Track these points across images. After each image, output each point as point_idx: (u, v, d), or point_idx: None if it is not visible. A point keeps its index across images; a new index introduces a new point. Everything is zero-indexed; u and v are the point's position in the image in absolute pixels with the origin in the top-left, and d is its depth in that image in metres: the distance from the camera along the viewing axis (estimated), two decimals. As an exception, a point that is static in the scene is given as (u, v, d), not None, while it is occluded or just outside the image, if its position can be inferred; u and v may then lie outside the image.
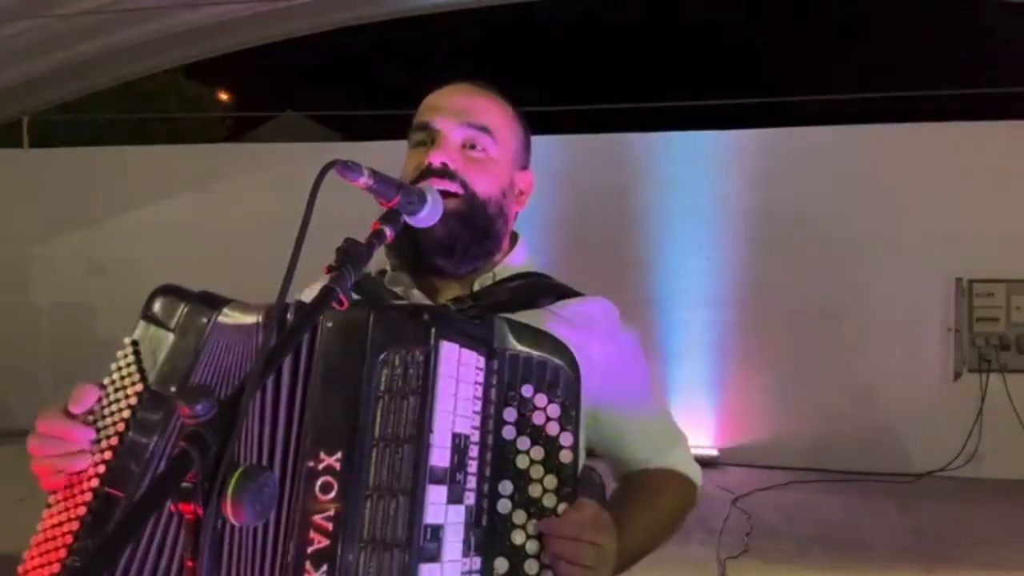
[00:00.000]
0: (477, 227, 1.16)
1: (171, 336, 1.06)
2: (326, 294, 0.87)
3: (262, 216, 5.95)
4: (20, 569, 0.97)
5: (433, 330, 0.91)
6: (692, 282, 6.12)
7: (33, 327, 7.31)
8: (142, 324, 1.08)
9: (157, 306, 1.09)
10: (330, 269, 0.90)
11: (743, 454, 5.96)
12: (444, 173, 1.14)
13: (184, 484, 0.68)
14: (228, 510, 0.68)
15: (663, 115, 7.27)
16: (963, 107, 6.64)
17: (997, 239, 5.71)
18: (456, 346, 0.94)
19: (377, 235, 0.98)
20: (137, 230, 7.05)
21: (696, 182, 6.20)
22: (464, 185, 1.15)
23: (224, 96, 20.06)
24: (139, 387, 1.04)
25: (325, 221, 1.06)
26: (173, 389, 1.01)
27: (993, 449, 5.60)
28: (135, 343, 1.08)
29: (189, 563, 0.70)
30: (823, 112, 6.69)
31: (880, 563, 4.05)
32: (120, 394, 1.04)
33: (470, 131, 1.17)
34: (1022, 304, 5.80)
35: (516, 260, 1.26)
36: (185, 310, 1.07)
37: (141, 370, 1.05)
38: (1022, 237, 5.70)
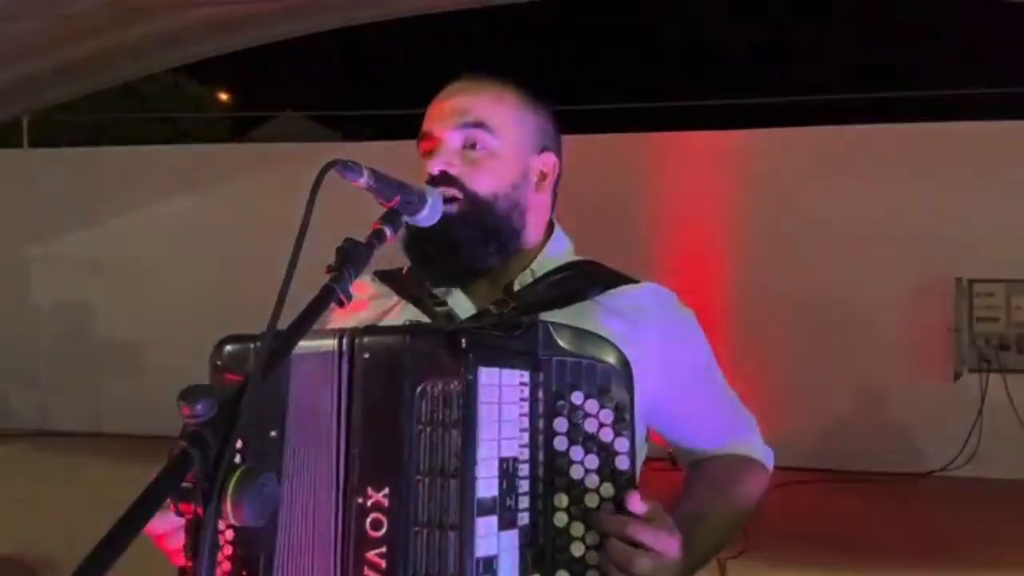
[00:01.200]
0: (482, 227, 1.14)
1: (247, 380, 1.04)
2: (326, 294, 0.86)
3: (262, 216, 5.95)
4: None
5: (470, 357, 0.89)
6: (692, 281, 6.12)
7: (33, 327, 7.31)
8: (215, 377, 1.04)
9: (226, 355, 1.03)
10: (330, 269, 0.90)
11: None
12: (444, 180, 1.13)
13: (184, 484, 0.68)
14: (228, 510, 0.68)
15: (664, 115, 7.28)
16: (963, 107, 6.65)
17: (997, 239, 5.71)
18: (496, 370, 0.91)
19: (377, 235, 0.98)
20: (137, 230, 7.05)
21: (696, 182, 6.21)
22: (463, 188, 1.14)
23: (224, 96, 20.06)
24: (237, 444, 1.02)
25: (325, 221, 1.06)
26: (273, 434, 0.96)
27: (993, 449, 5.60)
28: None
29: (189, 563, 0.69)
30: (824, 112, 6.70)
31: (881, 563, 4.05)
32: None
33: (466, 131, 1.16)
34: (1022, 304, 5.80)
35: (554, 251, 1.24)
36: (255, 351, 1.02)
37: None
38: (1022, 237, 5.70)
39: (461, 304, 1.17)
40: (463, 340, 0.90)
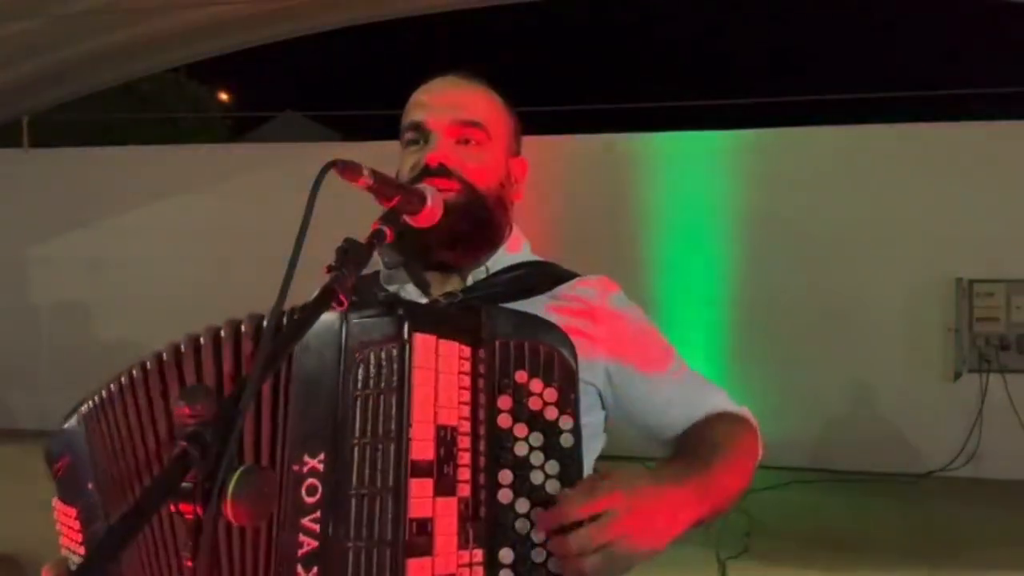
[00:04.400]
0: (478, 219, 1.16)
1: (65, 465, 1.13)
2: (326, 294, 0.86)
3: (262, 216, 5.95)
4: None
5: (406, 324, 0.90)
6: (691, 282, 6.12)
7: (33, 327, 7.31)
8: (55, 481, 1.16)
9: (50, 447, 1.17)
10: (330, 269, 0.90)
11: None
12: (441, 172, 1.14)
13: (184, 484, 0.68)
14: (228, 510, 0.68)
15: (663, 115, 7.28)
16: (963, 107, 6.65)
17: (997, 239, 5.71)
18: (432, 337, 0.92)
19: (377, 235, 0.97)
20: (137, 230, 7.05)
21: (696, 182, 6.20)
22: (461, 180, 1.15)
23: (224, 96, 20.05)
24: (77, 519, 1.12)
25: (325, 221, 1.06)
26: (90, 486, 1.09)
27: (993, 449, 5.60)
28: (62, 499, 1.15)
29: (188, 563, 0.69)
30: (823, 112, 6.70)
31: (880, 563, 4.05)
32: (76, 535, 1.13)
33: (462, 127, 1.17)
34: (1022, 304, 5.80)
35: (512, 250, 1.25)
36: (50, 445, 1.15)
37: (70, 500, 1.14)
38: (1022, 237, 5.70)
39: (413, 296, 1.19)
40: (399, 308, 0.92)
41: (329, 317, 0.92)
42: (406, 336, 0.90)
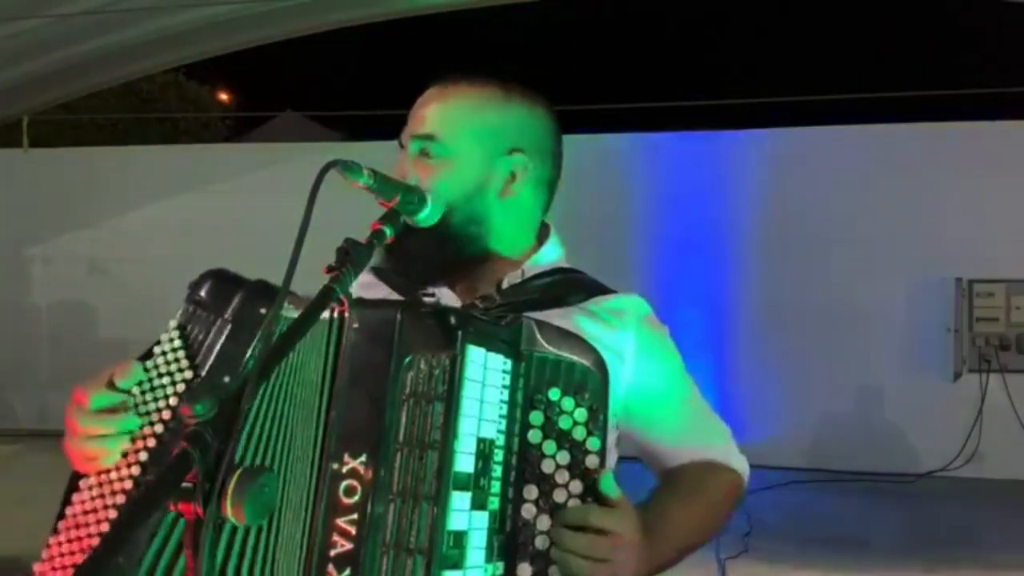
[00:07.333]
0: (438, 235, 1.15)
1: (225, 324, 0.98)
2: (325, 294, 0.86)
3: (262, 216, 5.95)
4: (44, 554, 0.91)
5: (459, 334, 0.91)
6: (690, 282, 6.11)
7: (33, 327, 7.31)
8: (188, 308, 1.00)
9: (207, 291, 1.00)
10: (330, 269, 0.90)
11: (743, 454, 5.94)
12: None
13: (184, 484, 0.68)
14: (228, 510, 0.68)
15: (663, 115, 7.27)
16: (963, 107, 6.64)
17: (997, 239, 5.71)
18: (482, 350, 0.93)
19: (377, 235, 0.98)
20: (137, 230, 7.05)
21: (695, 182, 6.20)
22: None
23: (224, 96, 20.05)
24: (188, 374, 0.97)
25: (325, 221, 1.06)
26: (227, 379, 0.95)
27: (993, 449, 5.60)
28: (182, 327, 0.99)
29: (190, 563, 0.70)
30: (823, 112, 6.69)
31: (880, 563, 4.05)
32: (166, 379, 0.97)
33: (419, 142, 1.17)
34: (1022, 304, 5.79)
35: (547, 256, 1.25)
36: (241, 297, 0.99)
37: (190, 356, 0.97)
38: (1022, 237, 5.70)
39: (448, 299, 1.18)
40: (452, 317, 0.92)
41: (384, 316, 0.91)
42: (459, 347, 0.90)
